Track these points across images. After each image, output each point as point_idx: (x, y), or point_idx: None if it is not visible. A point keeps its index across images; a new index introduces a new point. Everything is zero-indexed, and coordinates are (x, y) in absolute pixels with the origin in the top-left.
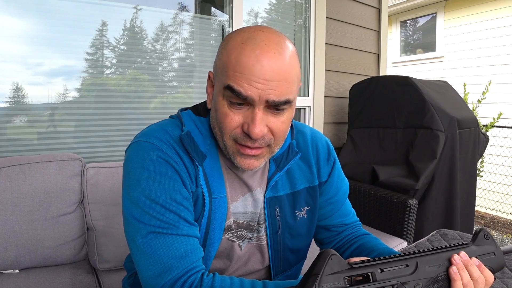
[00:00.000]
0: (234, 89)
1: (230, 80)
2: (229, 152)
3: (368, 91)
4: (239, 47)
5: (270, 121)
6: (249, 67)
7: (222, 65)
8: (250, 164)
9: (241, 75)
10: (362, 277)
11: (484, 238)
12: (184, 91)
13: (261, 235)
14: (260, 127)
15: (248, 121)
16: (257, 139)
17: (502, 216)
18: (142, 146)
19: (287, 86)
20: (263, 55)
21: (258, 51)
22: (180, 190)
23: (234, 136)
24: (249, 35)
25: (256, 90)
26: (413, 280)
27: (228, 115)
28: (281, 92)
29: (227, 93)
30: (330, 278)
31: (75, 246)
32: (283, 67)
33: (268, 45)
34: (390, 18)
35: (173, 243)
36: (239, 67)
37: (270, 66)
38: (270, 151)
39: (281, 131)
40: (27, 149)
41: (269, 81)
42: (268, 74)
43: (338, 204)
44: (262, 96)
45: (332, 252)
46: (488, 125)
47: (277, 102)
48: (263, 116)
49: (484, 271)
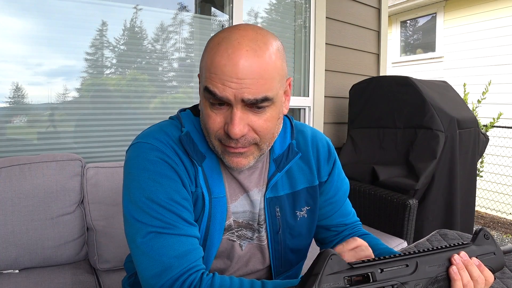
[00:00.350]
0: (210, 90)
1: (206, 82)
2: (218, 152)
3: (368, 91)
4: (214, 48)
5: (251, 120)
6: (221, 67)
7: (201, 67)
8: (238, 163)
9: (215, 76)
10: (362, 277)
11: (484, 238)
12: (184, 91)
13: (262, 235)
14: (239, 127)
15: (228, 121)
16: (237, 138)
17: (502, 216)
18: (142, 147)
19: (264, 83)
20: (235, 53)
21: (230, 50)
22: (180, 190)
23: (218, 137)
24: (225, 35)
25: (230, 90)
26: (413, 280)
27: (211, 116)
28: (257, 90)
29: (206, 95)
30: (330, 278)
31: (75, 246)
32: (257, 64)
33: (241, 43)
34: (390, 18)
35: (172, 243)
36: (213, 68)
37: (242, 64)
38: (259, 148)
39: (265, 129)
40: (27, 149)
41: (242, 80)
42: (241, 73)
43: (338, 204)
44: (237, 95)
45: (332, 252)
46: (488, 125)
47: (253, 100)
48: (242, 115)
49: (484, 271)
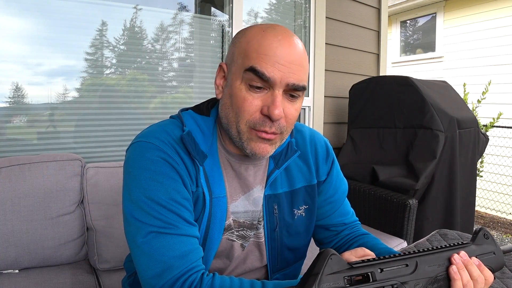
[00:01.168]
0: (258, 70)
1: (253, 62)
2: (242, 139)
3: (368, 91)
4: (260, 33)
5: (286, 106)
6: (273, 49)
7: (241, 50)
8: (264, 149)
9: (265, 56)
10: (362, 277)
11: (484, 237)
12: (184, 91)
13: (260, 232)
14: (280, 109)
15: (268, 104)
16: (277, 120)
17: (502, 216)
18: (143, 146)
19: (304, 73)
20: (285, 39)
21: (280, 36)
22: (180, 190)
23: (252, 122)
24: (267, 26)
25: (278, 72)
26: (413, 280)
27: (247, 99)
28: (300, 77)
29: (248, 76)
30: (329, 278)
31: (75, 246)
32: (301, 54)
33: (287, 33)
34: (390, 18)
35: (173, 243)
36: (262, 49)
37: (291, 50)
38: (281, 138)
39: (293, 118)
40: (27, 149)
41: (290, 64)
42: (290, 57)
43: (337, 204)
44: (284, 78)
45: (331, 251)
46: (488, 125)
47: (297, 86)
48: (281, 100)
49: (484, 271)
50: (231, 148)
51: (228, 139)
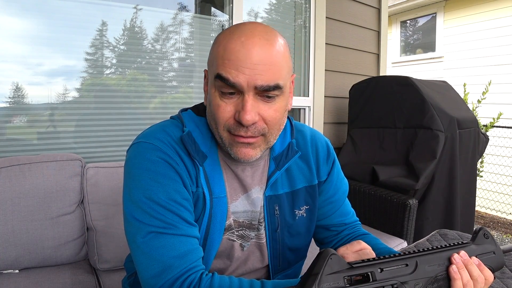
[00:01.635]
0: (223, 76)
1: (219, 69)
2: (225, 144)
3: (368, 91)
4: (226, 37)
5: (261, 109)
6: (235, 53)
7: (212, 57)
8: (246, 154)
9: (228, 62)
10: (362, 277)
11: (484, 237)
12: (184, 91)
13: (261, 233)
14: (251, 114)
15: (239, 109)
16: (249, 125)
17: (502, 216)
18: (143, 147)
19: (276, 71)
20: (249, 40)
21: (243, 38)
22: (180, 190)
23: (227, 127)
24: (236, 27)
25: (243, 76)
26: (412, 280)
27: (220, 105)
28: (269, 77)
29: (218, 83)
30: (329, 278)
31: (75, 246)
32: (269, 52)
33: (253, 32)
34: (390, 18)
35: (173, 243)
36: (226, 55)
37: (256, 51)
38: (266, 140)
39: (274, 119)
40: (27, 149)
41: (255, 65)
42: (254, 59)
43: (338, 204)
44: (250, 81)
45: (331, 251)
46: (488, 125)
47: (266, 86)
48: (253, 103)
49: (483, 271)
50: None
51: None
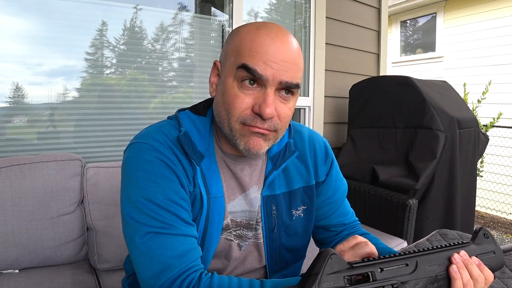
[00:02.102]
0: (250, 67)
1: (245, 59)
2: (235, 136)
3: (368, 91)
4: (253, 31)
5: (278, 105)
6: (265, 47)
7: (234, 48)
8: (258, 144)
9: (257, 54)
10: (362, 277)
11: (484, 237)
12: (184, 91)
13: (258, 233)
14: (272, 108)
15: (260, 102)
16: (268, 118)
17: (502, 216)
18: (140, 148)
19: (298, 71)
20: (278, 37)
21: (273, 34)
22: (178, 190)
23: (242, 118)
24: (261, 24)
25: (271, 70)
26: (413, 279)
27: (238, 96)
28: (293, 75)
29: (240, 73)
30: (330, 278)
31: (75, 246)
32: (294, 52)
33: (281, 31)
34: (390, 18)
35: (171, 243)
36: (254, 47)
37: (284, 48)
38: (276, 136)
39: (287, 117)
40: (27, 149)
41: (283, 62)
42: (283, 55)
43: (337, 204)
44: (276, 76)
45: (332, 251)
46: (488, 125)
47: (290, 84)
48: (274, 98)
49: (484, 270)
50: (227, 148)
51: (224, 139)
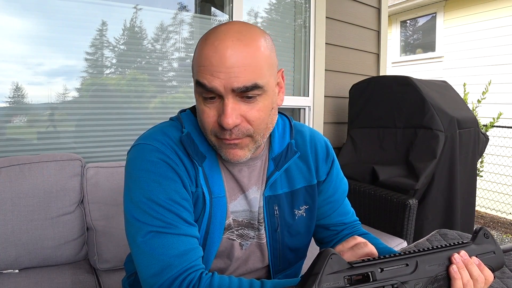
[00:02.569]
0: (200, 82)
1: (197, 76)
2: (215, 147)
3: (368, 91)
4: (202, 43)
5: (243, 110)
6: (209, 59)
7: (192, 64)
8: (235, 154)
9: (204, 68)
10: (362, 277)
11: (484, 237)
12: (184, 91)
13: (261, 234)
14: (232, 118)
15: (220, 113)
16: (230, 129)
17: (502, 216)
18: (143, 149)
19: (252, 71)
20: (221, 44)
21: (216, 42)
22: (180, 191)
23: (213, 132)
24: (212, 31)
25: (219, 80)
26: (413, 280)
27: (204, 111)
28: (246, 78)
29: (198, 89)
30: (330, 278)
31: (75, 246)
32: (244, 53)
33: (226, 35)
34: (390, 18)
35: (172, 242)
36: (202, 61)
37: (229, 54)
38: (253, 140)
39: (258, 119)
40: (27, 149)
41: (230, 69)
42: (228, 62)
43: (337, 203)
44: (226, 85)
45: (332, 251)
46: (488, 125)
47: (243, 88)
48: (233, 106)
49: (484, 270)
50: None
51: None
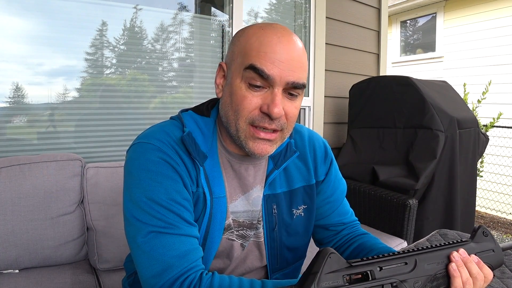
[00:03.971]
0: (257, 67)
1: (253, 60)
2: (241, 137)
3: (368, 91)
4: (259, 32)
5: (285, 105)
6: (272, 47)
7: (241, 49)
8: (263, 149)
9: (264, 54)
10: (361, 275)
11: (483, 235)
12: (184, 91)
13: (259, 232)
14: (280, 108)
15: (268, 102)
16: (277, 118)
17: (502, 216)
18: (143, 148)
19: (304, 70)
20: (284, 37)
21: (279, 34)
22: (181, 190)
23: (250, 119)
24: (266, 24)
25: (278, 70)
26: (412, 278)
27: (247, 97)
28: (300, 75)
29: (248, 74)
30: (329, 277)
31: (75, 246)
32: (300, 52)
33: (286, 31)
34: (390, 18)
35: (173, 243)
36: (262, 47)
37: (290, 48)
38: (282, 136)
39: (294, 116)
40: (27, 149)
41: (290, 61)
42: (289, 54)
43: (336, 203)
44: (283, 76)
45: (331, 250)
46: (488, 125)
47: (296, 84)
48: (281, 98)
49: (483, 268)
50: (232, 148)
51: (229, 139)
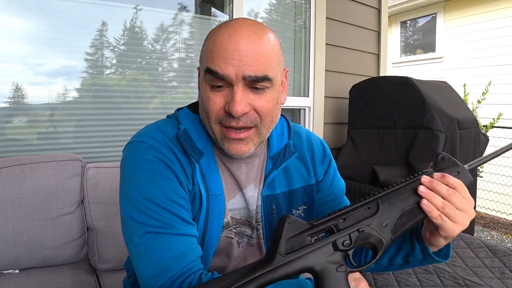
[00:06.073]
0: (212, 69)
1: (208, 63)
2: (217, 139)
3: (368, 91)
4: (215, 32)
5: (252, 99)
6: (223, 46)
7: (202, 53)
8: (239, 150)
9: (217, 55)
10: (328, 231)
11: (443, 160)
12: (184, 91)
13: (260, 233)
14: (241, 105)
15: (229, 100)
16: (238, 116)
17: (502, 216)
18: (138, 146)
19: (264, 62)
20: (236, 33)
21: (231, 31)
22: (177, 189)
23: (218, 119)
24: (226, 22)
25: (231, 68)
26: (377, 220)
27: (211, 98)
28: (258, 68)
29: (208, 77)
30: (292, 241)
31: (75, 246)
32: (257, 44)
33: (241, 26)
34: (390, 18)
35: (171, 243)
36: (215, 49)
37: (243, 43)
38: (258, 133)
39: (266, 110)
40: (27, 149)
41: (243, 57)
42: (242, 50)
43: (335, 203)
44: (238, 72)
45: (289, 217)
46: (488, 125)
47: (254, 77)
48: (243, 94)
49: (449, 181)
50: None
51: None
